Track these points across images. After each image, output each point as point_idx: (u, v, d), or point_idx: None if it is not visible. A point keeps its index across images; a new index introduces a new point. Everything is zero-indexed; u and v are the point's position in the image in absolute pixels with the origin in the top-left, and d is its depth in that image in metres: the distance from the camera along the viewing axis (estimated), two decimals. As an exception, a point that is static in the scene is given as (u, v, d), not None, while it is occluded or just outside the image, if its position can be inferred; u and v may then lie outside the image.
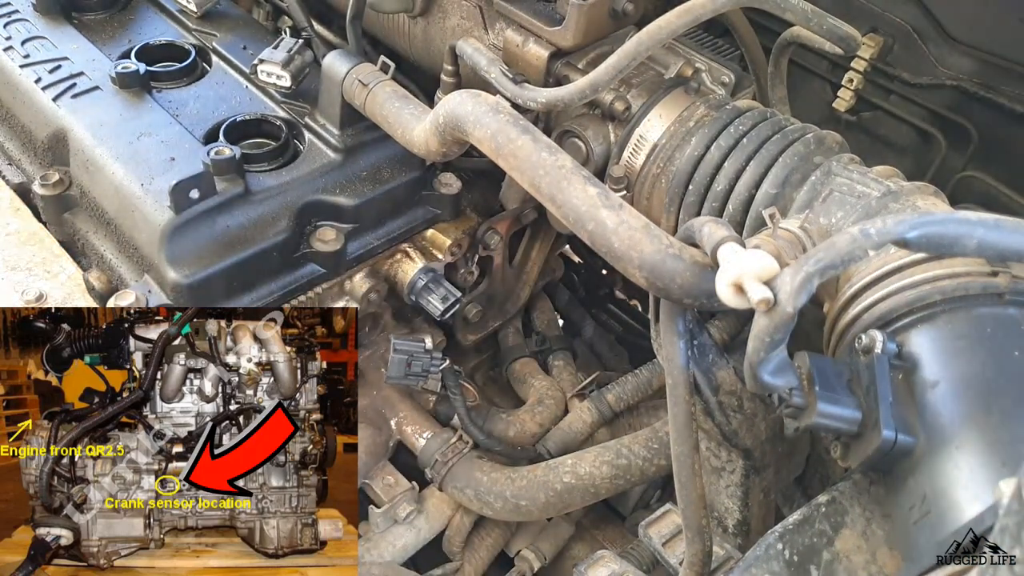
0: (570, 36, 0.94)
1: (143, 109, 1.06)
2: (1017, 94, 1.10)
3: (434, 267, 1.13)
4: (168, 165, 0.98)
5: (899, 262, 0.67)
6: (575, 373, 1.38)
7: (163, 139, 1.01)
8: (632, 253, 0.67)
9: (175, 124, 1.04)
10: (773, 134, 0.86)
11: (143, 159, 0.98)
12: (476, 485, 1.16)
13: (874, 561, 0.59)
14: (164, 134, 1.02)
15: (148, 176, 0.96)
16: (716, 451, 0.88)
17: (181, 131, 1.03)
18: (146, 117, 1.04)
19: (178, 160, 0.99)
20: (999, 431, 0.56)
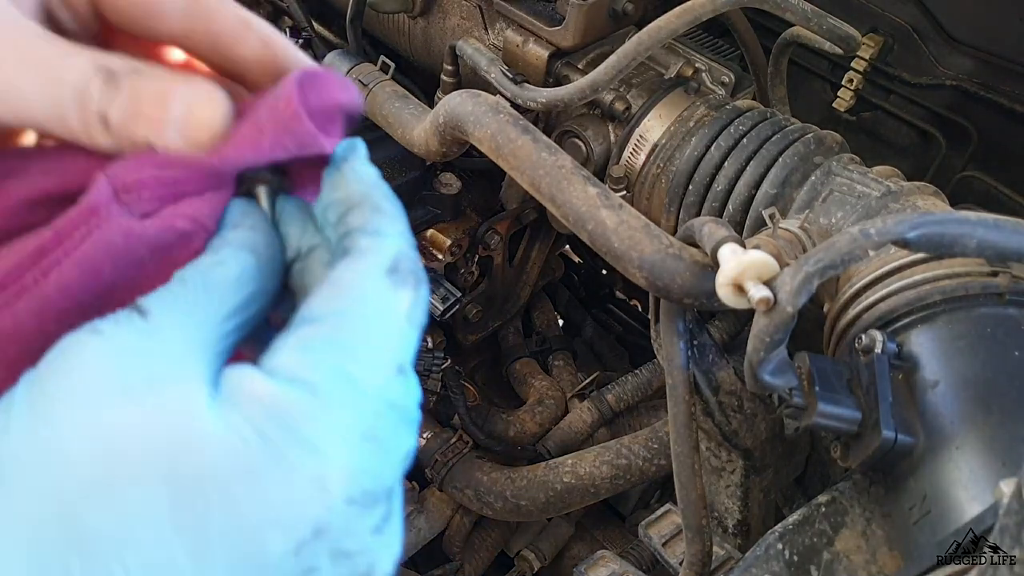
0: (570, 36, 0.94)
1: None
2: (1017, 94, 1.10)
3: (434, 267, 1.13)
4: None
5: (899, 262, 0.67)
6: (575, 373, 1.38)
7: (163, 139, 1.01)
8: (632, 253, 0.67)
9: (175, 124, 1.04)
10: (773, 134, 0.86)
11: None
12: (476, 485, 1.16)
13: (874, 561, 0.59)
14: (164, 134, 1.02)
15: (148, 176, 0.97)
16: (716, 451, 0.88)
17: (181, 131, 1.03)
18: (146, 117, 1.04)
19: (178, 160, 0.99)
20: (999, 431, 0.56)
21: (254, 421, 0.31)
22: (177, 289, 0.33)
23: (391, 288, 0.35)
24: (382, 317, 0.34)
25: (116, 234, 0.34)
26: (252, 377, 0.32)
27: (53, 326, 0.33)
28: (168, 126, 0.34)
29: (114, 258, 0.34)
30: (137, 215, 0.34)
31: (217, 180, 0.36)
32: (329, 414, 0.32)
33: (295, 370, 0.32)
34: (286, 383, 0.32)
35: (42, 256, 0.34)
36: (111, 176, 0.34)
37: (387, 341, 0.34)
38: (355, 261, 0.35)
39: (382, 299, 0.34)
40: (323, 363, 0.32)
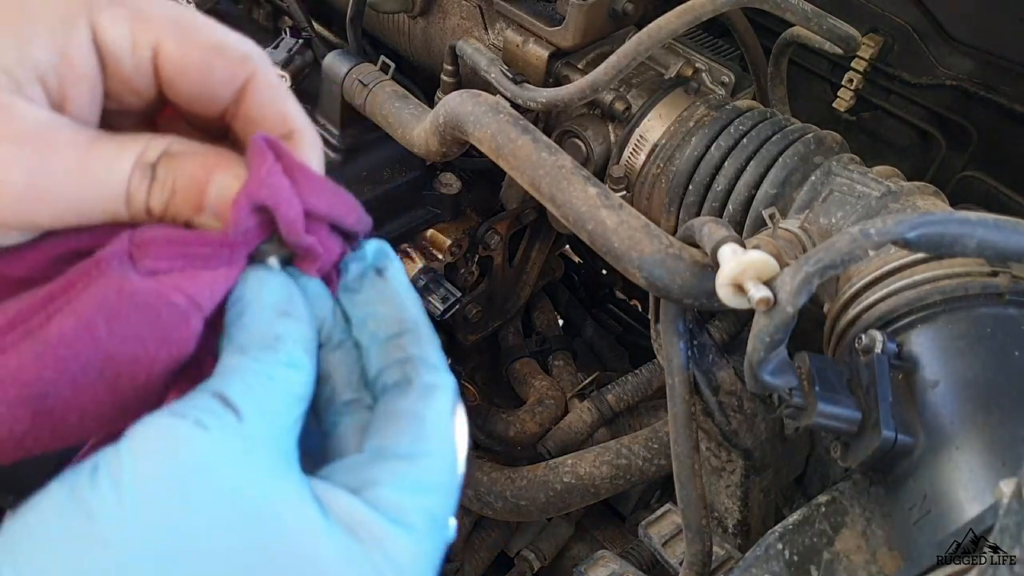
0: (570, 36, 0.94)
1: (143, 109, 1.06)
2: (1017, 94, 1.09)
3: (434, 267, 1.13)
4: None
5: (899, 262, 0.67)
6: (575, 373, 1.38)
7: (163, 139, 1.01)
8: (632, 253, 0.67)
9: (175, 124, 1.04)
10: (773, 134, 0.86)
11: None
12: (476, 485, 1.16)
13: (874, 561, 0.59)
14: (164, 134, 1.02)
15: (148, 176, 0.96)
16: (716, 451, 0.88)
17: (181, 131, 1.03)
18: (146, 117, 1.04)
19: (178, 160, 0.99)
20: (999, 431, 0.56)
21: (372, 558, 0.33)
22: (260, 390, 0.34)
23: (455, 427, 0.38)
24: (454, 459, 0.38)
25: (110, 290, 0.34)
26: (361, 510, 0.34)
27: (51, 372, 0.34)
28: (205, 211, 0.36)
29: (106, 314, 0.34)
30: (145, 271, 0.35)
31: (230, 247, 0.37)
32: (424, 555, 0.35)
33: (402, 512, 0.35)
34: (395, 524, 0.34)
35: (49, 302, 0.34)
36: (132, 233, 0.35)
37: (457, 483, 0.38)
38: (428, 397, 0.38)
39: (453, 441, 0.38)
40: (422, 507, 0.35)
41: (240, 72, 0.38)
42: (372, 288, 0.40)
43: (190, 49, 0.37)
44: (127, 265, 0.35)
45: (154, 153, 0.36)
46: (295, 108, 0.40)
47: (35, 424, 0.34)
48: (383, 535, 0.34)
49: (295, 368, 0.36)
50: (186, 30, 0.37)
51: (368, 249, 0.41)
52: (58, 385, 0.34)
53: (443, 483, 0.37)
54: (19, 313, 0.34)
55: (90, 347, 0.34)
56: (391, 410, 0.38)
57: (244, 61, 0.39)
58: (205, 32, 0.38)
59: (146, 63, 0.37)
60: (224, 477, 0.31)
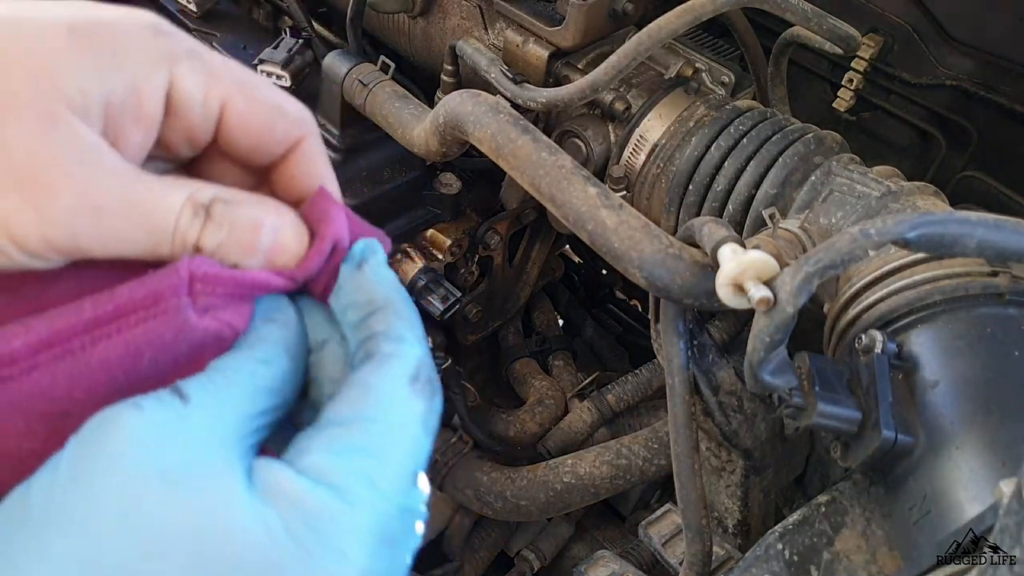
0: (570, 36, 0.94)
1: (143, 109, 1.05)
2: (1017, 94, 1.09)
3: (434, 267, 1.13)
4: (168, 165, 0.98)
5: (899, 262, 0.67)
6: (575, 373, 1.38)
7: (163, 139, 1.01)
8: (632, 253, 0.67)
9: (175, 124, 1.04)
10: (773, 134, 0.86)
11: (143, 159, 0.98)
12: (476, 485, 1.16)
13: (874, 561, 0.59)
14: (164, 134, 1.02)
15: (148, 176, 0.96)
16: (716, 451, 0.88)
17: (181, 131, 1.03)
18: (146, 117, 1.04)
19: (178, 160, 0.99)
20: (999, 431, 0.56)
21: (285, 518, 0.33)
22: (219, 380, 0.36)
23: (412, 396, 0.38)
24: (404, 425, 0.37)
25: (169, 329, 0.36)
26: (285, 475, 0.35)
27: (83, 394, 0.35)
28: (258, 254, 0.39)
29: (158, 350, 0.36)
30: (201, 308, 0.36)
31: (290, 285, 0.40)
32: (353, 518, 0.34)
33: (326, 472, 0.35)
34: (317, 484, 0.34)
35: (96, 326, 0.35)
36: (193, 264, 0.36)
37: (407, 449, 0.37)
38: (380, 366, 0.38)
39: (404, 407, 0.38)
40: (351, 468, 0.35)
41: (295, 132, 0.42)
42: (351, 281, 0.41)
43: (256, 107, 0.40)
44: (188, 304, 0.36)
45: (206, 195, 0.38)
46: (329, 172, 0.44)
47: (48, 442, 0.34)
48: (300, 495, 0.34)
49: (266, 364, 0.38)
50: (253, 89, 0.41)
51: (355, 249, 0.42)
52: (84, 407, 0.34)
53: (385, 446, 0.36)
54: (58, 333, 0.35)
55: (128, 377, 0.35)
56: (346, 383, 0.38)
57: (300, 124, 0.42)
58: (269, 93, 0.41)
59: (213, 115, 0.40)
60: (148, 448, 0.33)
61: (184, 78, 0.38)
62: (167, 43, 0.38)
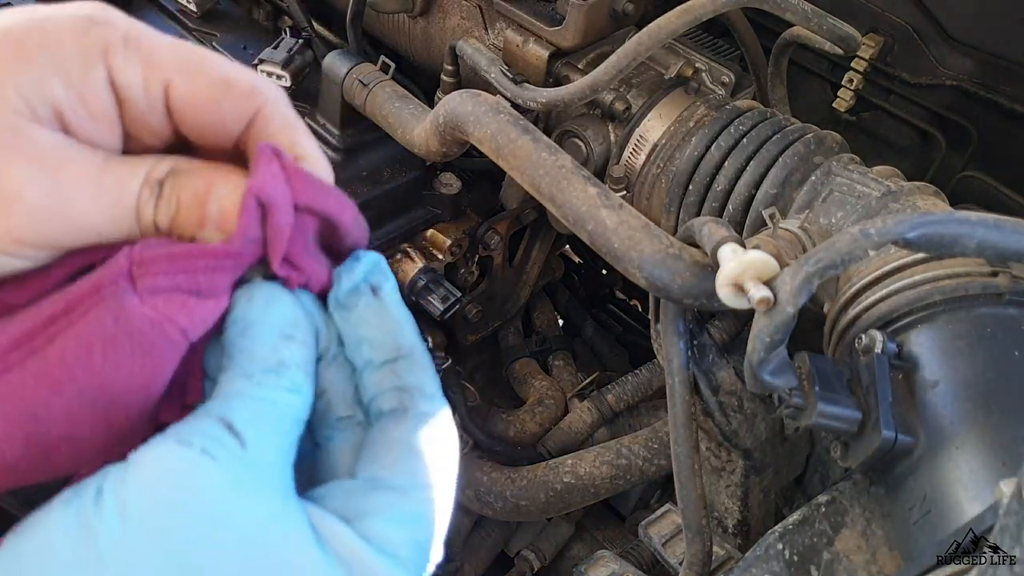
0: (570, 36, 0.94)
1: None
2: (1017, 94, 1.09)
3: (434, 267, 1.13)
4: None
5: (899, 262, 0.67)
6: (575, 373, 1.38)
7: (163, 139, 1.01)
8: (632, 253, 0.67)
9: (175, 124, 1.04)
10: (773, 134, 0.86)
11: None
12: (476, 485, 1.16)
13: (874, 561, 0.59)
14: (164, 134, 1.02)
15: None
16: (716, 451, 0.88)
17: (181, 131, 1.03)
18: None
19: (178, 160, 0.98)
20: (999, 431, 0.56)
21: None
22: (267, 411, 0.36)
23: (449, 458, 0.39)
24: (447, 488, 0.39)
25: (108, 317, 0.35)
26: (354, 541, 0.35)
27: (47, 393, 0.34)
28: (208, 224, 0.37)
29: (106, 341, 0.35)
30: (146, 292, 0.35)
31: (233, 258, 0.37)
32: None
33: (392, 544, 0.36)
34: (386, 557, 0.35)
35: (52, 322, 0.35)
36: (131, 251, 0.36)
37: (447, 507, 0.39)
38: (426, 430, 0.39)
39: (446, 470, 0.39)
40: (414, 541, 0.37)
41: (248, 105, 0.40)
42: (367, 307, 0.41)
43: (198, 86, 0.39)
44: (126, 289, 0.35)
45: (162, 170, 0.38)
46: (305, 138, 0.41)
47: (27, 448, 0.34)
48: (375, 566, 0.35)
49: (296, 393, 0.37)
50: (194, 68, 0.39)
51: (362, 261, 0.41)
52: (52, 408, 0.34)
53: (433, 514, 0.38)
54: (24, 333, 0.35)
55: (86, 373, 0.35)
56: (387, 438, 0.39)
57: (251, 95, 0.40)
58: (213, 69, 0.39)
59: (158, 102, 0.38)
60: (228, 506, 0.32)
61: (120, 70, 0.37)
62: (100, 34, 0.37)
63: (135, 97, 0.38)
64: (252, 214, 0.36)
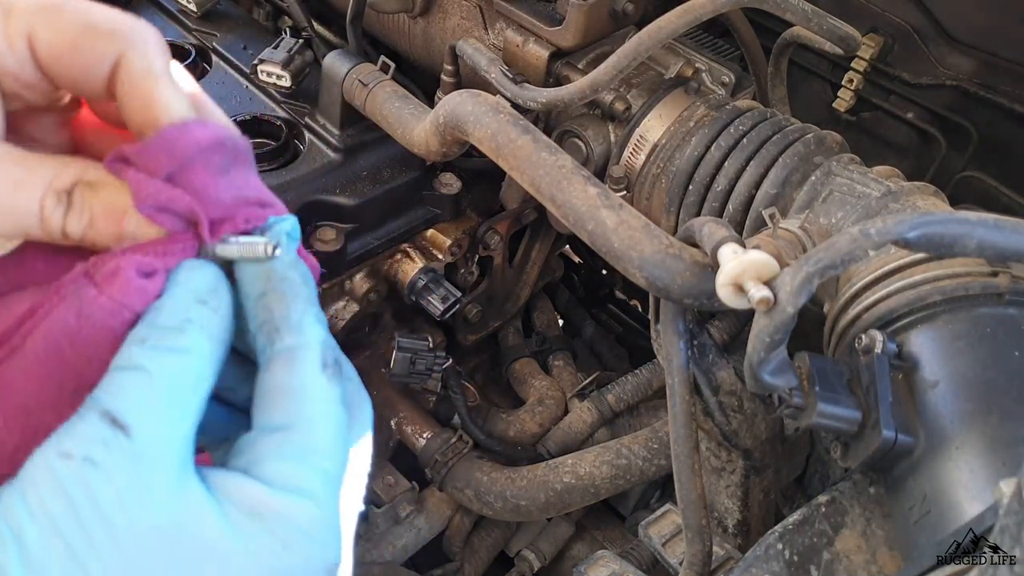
0: (570, 36, 0.94)
1: (143, 109, 1.05)
2: (1017, 94, 1.10)
3: (434, 267, 1.13)
4: (168, 165, 0.98)
5: (899, 262, 0.67)
6: (575, 373, 1.38)
7: (163, 139, 1.01)
8: (632, 253, 0.67)
9: (175, 124, 1.04)
10: (773, 134, 0.86)
11: (143, 159, 0.98)
12: (476, 485, 1.16)
13: (874, 561, 0.59)
14: (164, 134, 1.02)
15: (148, 176, 0.96)
16: (716, 451, 0.88)
17: (181, 131, 1.03)
18: (146, 117, 1.04)
19: (178, 160, 0.98)
20: (999, 431, 0.56)
21: (279, 536, 0.35)
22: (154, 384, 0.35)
23: (328, 384, 0.38)
24: (331, 414, 0.38)
25: (71, 312, 0.36)
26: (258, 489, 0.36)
27: (35, 387, 0.35)
28: (124, 240, 0.37)
29: (72, 336, 0.36)
30: (104, 281, 0.36)
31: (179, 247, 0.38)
32: (331, 515, 0.37)
33: (296, 482, 0.36)
34: (295, 496, 0.36)
35: (24, 320, 0.36)
36: (87, 263, 0.37)
37: (338, 432, 0.38)
38: (292, 363, 0.38)
39: (327, 399, 0.38)
40: (314, 472, 0.37)
41: (108, 50, 0.37)
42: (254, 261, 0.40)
43: (59, 32, 0.37)
44: (85, 284, 0.36)
45: (67, 180, 0.37)
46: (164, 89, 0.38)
47: (24, 438, 0.35)
48: (281, 506, 0.35)
49: (188, 354, 0.36)
50: (55, 14, 0.37)
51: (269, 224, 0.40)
52: (41, 400, 0.35)
53: (329, 440, 0.38)
54: (6, 330, 0.36)
55: (61, 366, 0.36)
56: (264, 383, 0.38)
57: (112, 39, 0.37)
58: (75, 14, 0.37)
59: (24, 54, 0.37)
60: (120, 511, 0.32)
61: None
62: None
63: (1, 52, 0.37)
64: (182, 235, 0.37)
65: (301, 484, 0.36)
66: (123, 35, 0.37)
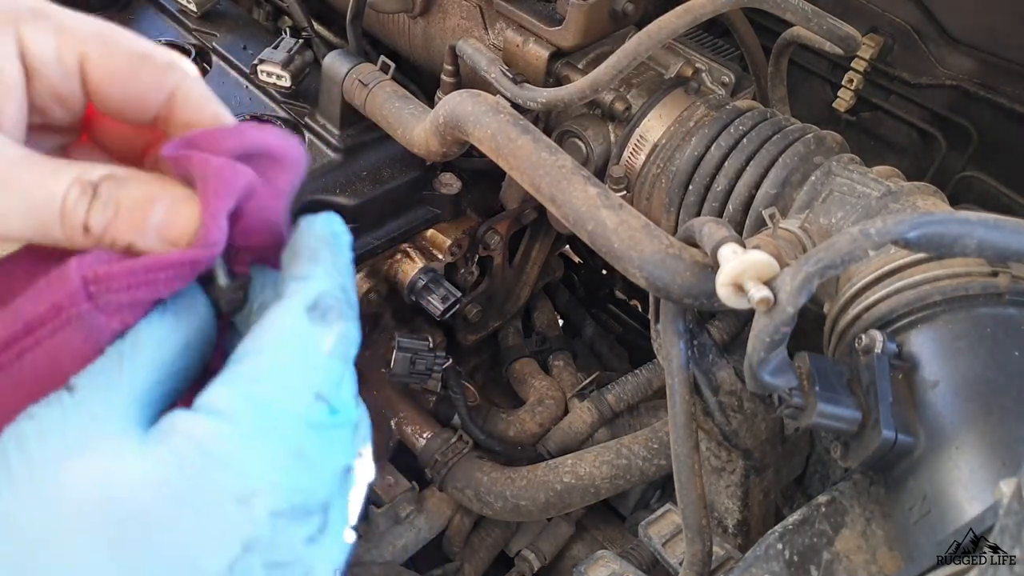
0: (570, 36, 0.94)
1: (143, 109, 1.05)
2: (1017, 94, 1.10)
3: (434, 267, 1.13)
4: (168, 165, 0.98)
5: (899, 262, 0.67)
6: (575, 373, 1.38)
7: (163, 139, 1.01)
8: (632, 253, 0.67)
9: (175, 124, 1.04)
10: (773, 134, 0.86)
11: (143, 159, 0.98)
12: (476, 485, 1.16)
13: (874, 561, 0.59)
14: (164, 134, 1.02)
15: (148, 176, 0.96)
16: (716, 451, 0.88)
17: (181, 131, 1.03)
18: (146, 117, 1.04)
19: (178, 160, 0.98)
20: (999, 431, 0.56)
21: (178, 454, 0.34)
22: (101, 366, 0.36)
23: (309, 323, 0.37)
24: (297, 350, 0.37)
25: (78, 337, 0.36)
26: (179, 416, 0.35)
27: (26, 401, 0.36)
28: (149, 231, 0.37)
29: (75, 355, 0.36)
30: (104, 308, 0.36)
31: (191, 266, 0.38)
32: (247, 438, 0.35)
33: (215, 403, 0.35)
34: (207, 415, 0.35)
35: (17, 339, 0.36)
36: (83, 265, 0.36)
37: (304, 371, 0.37)
38: (279, 304, 0.38)
39: (298, 334, 0.37)
40: (239, 394, 0.35)
41: (167, 79, 0.39)
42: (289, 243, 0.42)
43: (115, 57, 0.38)
44: (91, 311, 0.36)
45: (96, 174, 0.37)
46: (226, 112, 0.41)
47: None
48: (189, 427, 0.34)
49: (139, 344, 0.37)
50: (110, 40, 0.39)
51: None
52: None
53: (275, 371, 0.36)
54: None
55: (58, 378, 0.36)
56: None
57: (169, 69, 0.40)
58: (129, 42, 0.39)
59: (73, 72, 0.38)
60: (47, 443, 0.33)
61: (32, 38, 0.37)
62: (7, 5, 0.37)
63: (47, 67, 0.37)
64: (218, 221, 0.37)
65: (222, 406, 0.35)
66: (179, 67, 0.40)
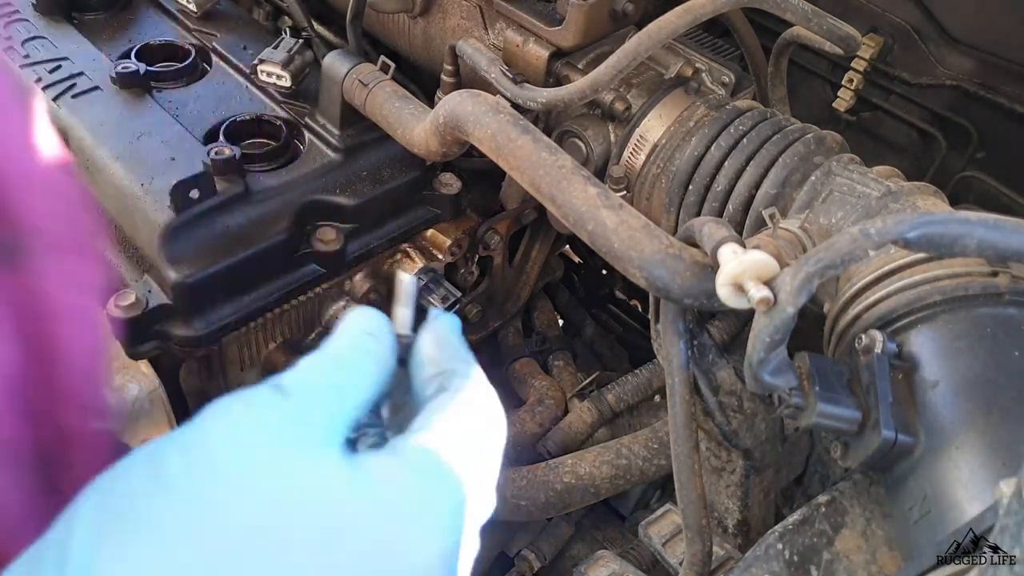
0: (570, 36, 0.94)
1: (143, 109, 1.05)
2: (1017, 94, 1.10)
3: (434, 267, 1.12)
4: (168, 165, 0.98)
5: (899, 262, 0.67)
6: (575, 373, 1.38)
7: (163, 139, 1.01)
8: (632, 253, 0.67)
9: (175, 124, 1.04)
10: (773, 134, 0.86)
11: (143, 159, 0.98)
12: (476, 485, 1.16)
13: (874, 561, 0.59)
14: (164, 134, 1.02)
15: (148, 176, 0.96)
16: (716, 451, 0.88)
17: (181, 131, 1.03)
18: (146, 117, 1.04)
19: (178, 160, 0.98)
20: (999, 431, 0.56)
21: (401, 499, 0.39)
22: (316, 376, 0.43)
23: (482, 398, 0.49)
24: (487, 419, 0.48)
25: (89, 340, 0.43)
26: (380, 456, 0.41)
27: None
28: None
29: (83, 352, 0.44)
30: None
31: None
32: (451, 497, 0.42)
33: (404, 452, 0.42)
34: (393, 456, 0.42)
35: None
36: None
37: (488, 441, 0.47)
38: (460, 393, 0.47)
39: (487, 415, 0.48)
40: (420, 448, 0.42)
41: None
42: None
43: None
44: (100, 310, 0.43)
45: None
46: None
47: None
48: (385, 467, 0.40)
49: (352, 368, 0.44)
50: None
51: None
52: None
53: (456, 428, 0.45)
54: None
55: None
56: (428, 406, 0.47)
57: None
58: None
59: None
60: (259, 445, 0.38)
61: None
62: None
63: None
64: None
65: (408, 455, 0.41)
66: None
